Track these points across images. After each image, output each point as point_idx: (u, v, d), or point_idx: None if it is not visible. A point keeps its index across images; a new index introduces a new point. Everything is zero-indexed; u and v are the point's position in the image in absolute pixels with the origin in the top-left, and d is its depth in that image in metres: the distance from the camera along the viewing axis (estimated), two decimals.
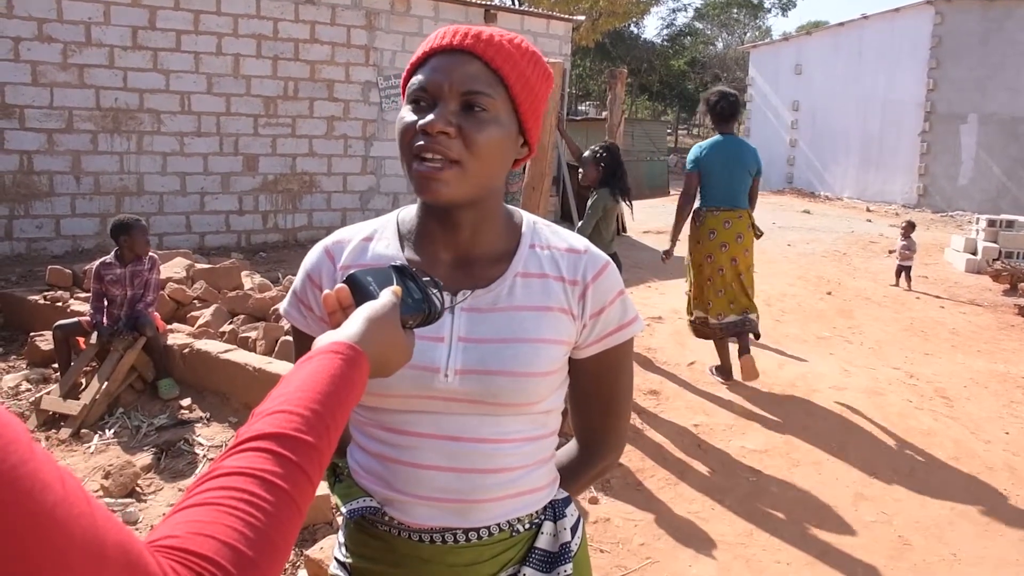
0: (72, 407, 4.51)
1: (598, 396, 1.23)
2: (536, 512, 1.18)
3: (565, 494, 1.24)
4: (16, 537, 0.46)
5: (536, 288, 1.13)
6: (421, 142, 1.02)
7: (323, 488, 3.11)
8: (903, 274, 9.27)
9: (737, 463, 4.20)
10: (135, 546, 0.53)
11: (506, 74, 1.05)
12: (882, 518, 3.74)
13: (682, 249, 5.47)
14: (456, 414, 1.10)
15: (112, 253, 4.95)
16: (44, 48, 8.86)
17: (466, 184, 1.05)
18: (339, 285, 0.96)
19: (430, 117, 1.02)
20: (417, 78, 1.06)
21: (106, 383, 4.63)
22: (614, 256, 4.58)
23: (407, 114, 1.06)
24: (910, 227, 9.48)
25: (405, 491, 1.11)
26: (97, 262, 4.98)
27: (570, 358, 1.18)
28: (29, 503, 0.47)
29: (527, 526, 1.17)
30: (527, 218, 1.21)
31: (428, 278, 1.01)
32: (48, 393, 4.68)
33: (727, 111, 5.07)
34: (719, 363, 5.32)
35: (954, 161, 18.40)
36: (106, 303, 4.94)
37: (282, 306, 1.23)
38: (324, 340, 0.86)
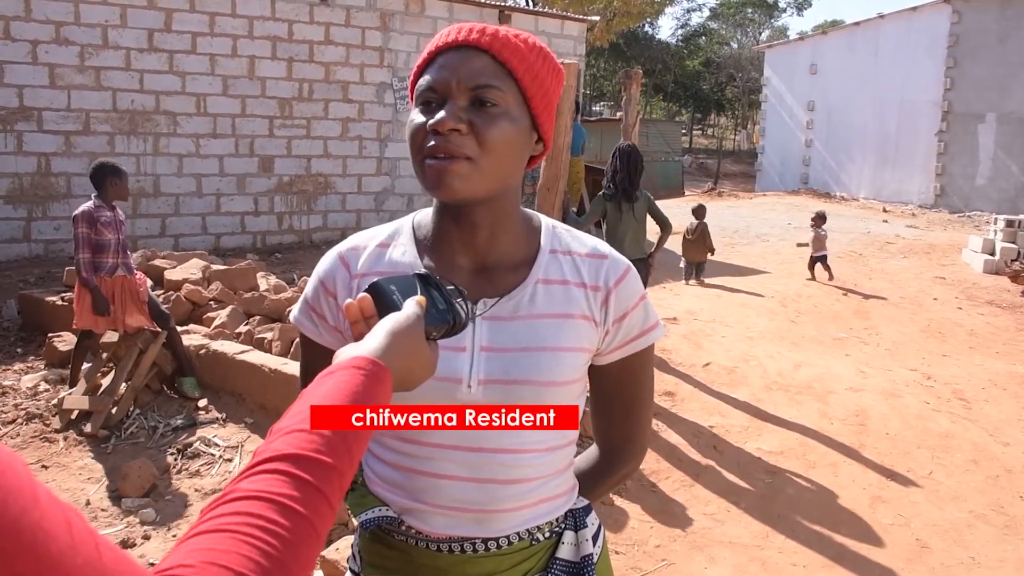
0: (98, 403, 4.51)
1: (620, 402, 1.21)
2: (556, 520, 1.16)
3: (585, 502, 1.22)
4: None
5: (558, 295, 1.10)
6: (433, 142, 0.99)
7: None
8: (817, 265, 9.27)
9: (753, 464, 4.18)
10: None
11: (514, 67, 1.02)
12: (899, 521, 3.71)
13: None
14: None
15: (93, 199, 4.63)
16: (61, 51, 8.95)
17: (480, 180, 1.01)
18: (362, 294, 0.92)
19: (440, 115, 0.98)
20: (425, 79, 1.03)
21: (128, 381, 4.65)
22: (640, 261, 5.25)
23: (416, 116, 1.03)
24: (820, 218, 9.53)
25: (423, 500, 1.09)
26: (86, 207, 4.58)
27: (592, 364, 1.16)
28: (33, 556, 0.45)
29: (547, 535, 1.15)
30: (546, 222, 1.18)
31: (453, 287, 0.97)
32: (70, 393, 4.69)
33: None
34: None
35: (972, 161, 18.23)
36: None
37: (292, 313, 1.19)
38: (346, 354, 0.82)
